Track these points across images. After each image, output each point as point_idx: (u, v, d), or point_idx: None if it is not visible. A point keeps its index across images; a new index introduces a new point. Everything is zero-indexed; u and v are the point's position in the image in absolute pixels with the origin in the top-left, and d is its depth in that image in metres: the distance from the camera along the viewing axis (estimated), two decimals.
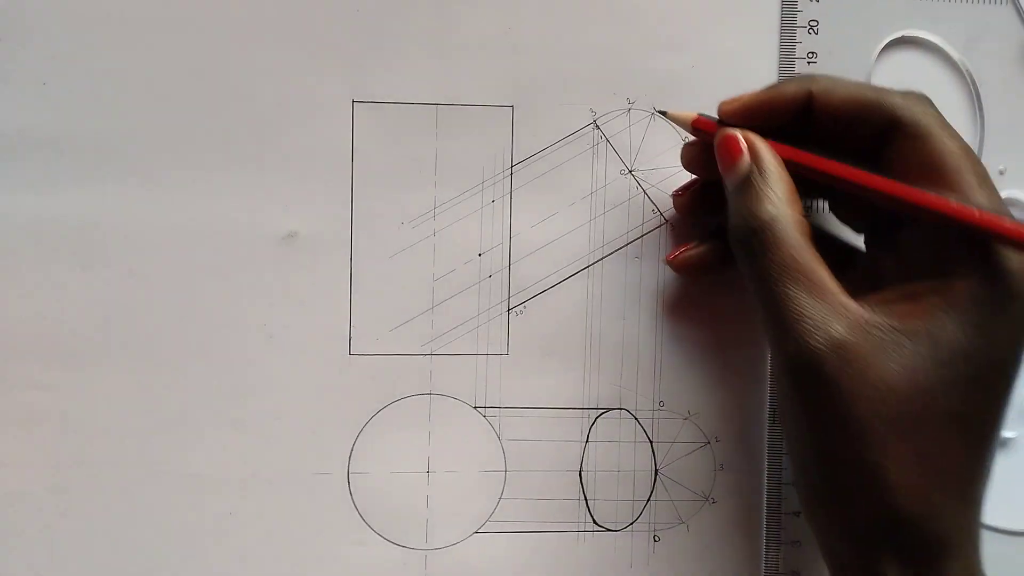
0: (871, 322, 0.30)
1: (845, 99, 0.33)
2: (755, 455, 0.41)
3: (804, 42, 0.40)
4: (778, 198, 0.31)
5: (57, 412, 0.38)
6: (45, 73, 0.37)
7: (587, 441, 0.40)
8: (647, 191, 0.40)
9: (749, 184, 0.32)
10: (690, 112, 0.37)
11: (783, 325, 0.30)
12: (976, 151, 0.41)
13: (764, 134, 0.34)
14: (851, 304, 0.30)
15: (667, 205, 0.40)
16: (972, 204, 0.31)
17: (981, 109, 0.41)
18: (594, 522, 0.40)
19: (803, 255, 0.30)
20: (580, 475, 0.40)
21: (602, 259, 0.40)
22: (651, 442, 0.40)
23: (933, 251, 0.31)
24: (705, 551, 0.41)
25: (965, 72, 0.41)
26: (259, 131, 0.38)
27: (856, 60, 0.40)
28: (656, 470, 0.40)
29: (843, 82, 0.33)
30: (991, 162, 0.41)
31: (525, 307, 0.40)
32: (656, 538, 0.41)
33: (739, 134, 0.34)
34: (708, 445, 0.40)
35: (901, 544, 0.30)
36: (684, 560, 0.41)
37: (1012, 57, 0.41)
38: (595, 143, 0.39)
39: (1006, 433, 0.42)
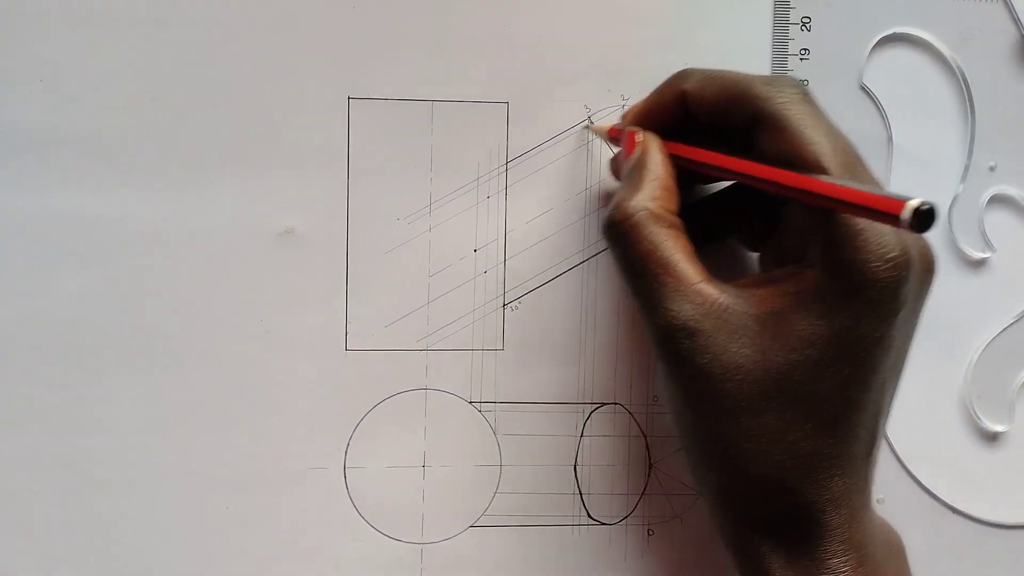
0: (725, 307, 0.32)
1: (715, 95, 0.34)
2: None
3: (796, 39, 0.40)
4: (646, 192, 0.33)
5: (55, 410, 0.38)
6: (42, 71, 0.37)
7: (582, 436, 0.40)
8: None
9: (628, 177, 0.34)
10: (606, 124, 0.38)
11: (645, 310, 0.33)
12: (967, 147, 0.41)
13: (676, 132, 0.35)
14: (707, 290, 0.32)
15: None
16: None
17: (972, 106, 0.41)
18: (589, 516, 0.41)
19: (661, 246, 0.32)
20: (575, 469, 0.40)
21: (597, 255, 0.40)
22: (645, 436, 0.41)
23: (795, 239, 0.33)
24: (699, 545, 0.41)
25: (956, 69, 0.41)
26: (255, 128, 0.38)
27: (848, 57, 0.41)
28: (650, 464, 0.41)
29: (715, 76, 0.34)
30: (982, 158, 0.41)
31: (520, 303, 0.40)
32: (650, 532, 0.41)
33: (637, 132, 0.36)
34: None
35: (769, 519, 0.32)
36: (678, 553, 0.41)
37: (1003, 54, 0.41)
38: (590, 139, 0.40)
39: (996, 427, 0.42)
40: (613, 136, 0.38)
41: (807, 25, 0.40)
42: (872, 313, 0.30)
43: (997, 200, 0.42)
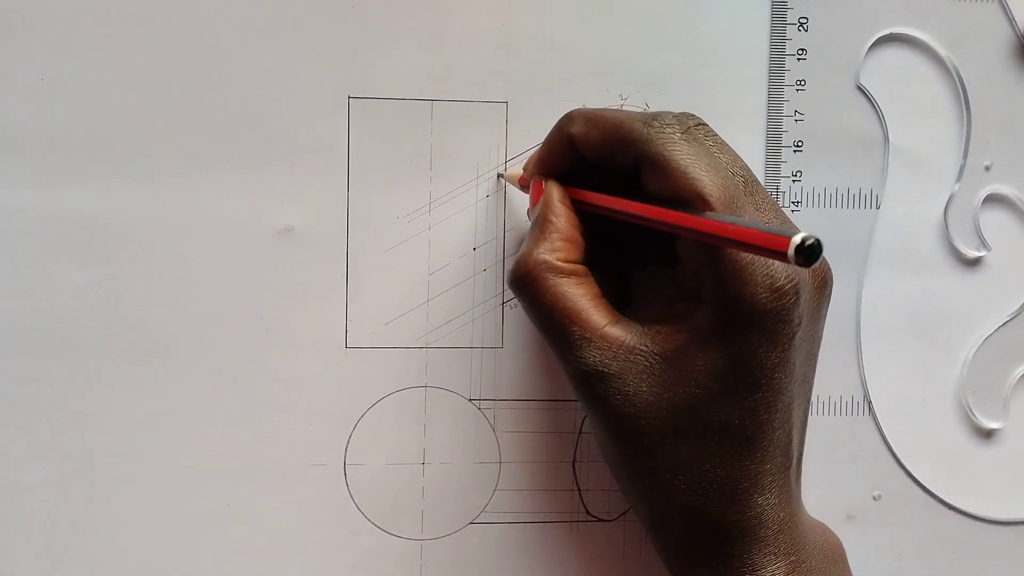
0: (631, 348, 0.33)
1: (598, 139, 0.34)
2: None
3: (794, 39, 0.41)
4: (546, 245, 0.34)
5: (56, 406, 0.38)
6: (43, 69, 0.37)
7: (580, 432, 0.41)
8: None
9: (531, 229, 0.35)
10: (516, 171, 0.38)
11: (558, 357, 0.34)
12: (962, 146, 0.41)
13: (580, 173, 0.35)
14: (613, 334, 0.33)
15: None
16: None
17: (968, 105, 0.41)
18: (587, 512, 0.41)
19: (564, 296, 0.33)
20: (573, 466, 0.41)
21: None
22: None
23: (692, 275, 0.33)
24: None
25: (952, 69, 0.41)
26: (256, 126, 0.38)
27: (845, 57, 0.41)
28: None
29: (598, 119, 0.34)
30: (977, 157, 0.41)
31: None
32: None
33: (539, 180, 0.36)
34: None
35: (699, 542, 0.33)
36: None
37: (998, 54, 0.42)
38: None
39: (991, 424, 0.42)
40: (523, 184, 0.38)
41: (804, 25, 0.41)
42: (767, 341, 0.31)
43: (992, 199, 0.42)
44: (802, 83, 0.41)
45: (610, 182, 0.35)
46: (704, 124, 0.34)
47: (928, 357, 0.42)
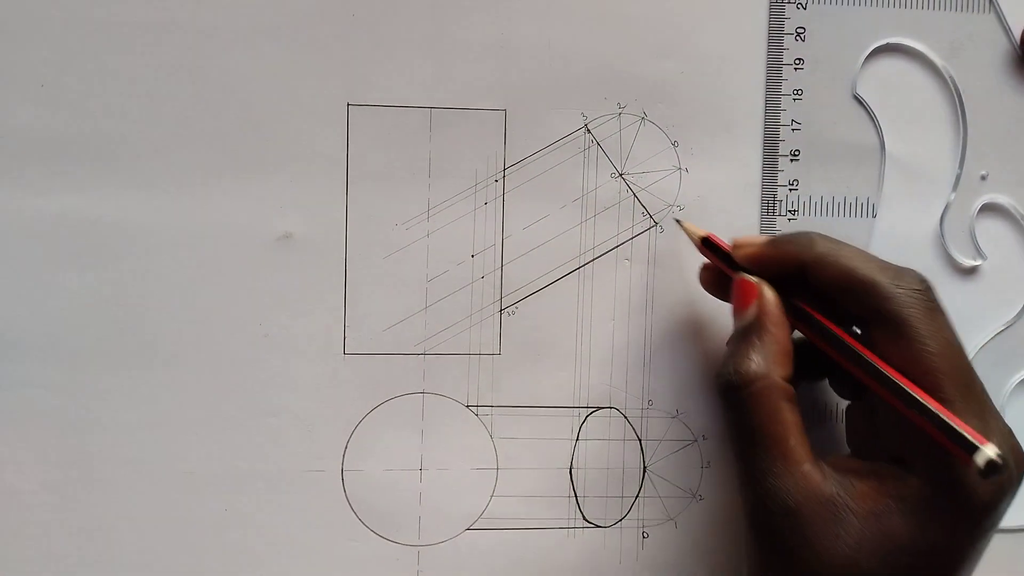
0: (828, 496, 0.31)
1: (837, 277, 0.33)
2: None
3: (791, 48, 0.41)
4: (766, 358, 0.33)
5: (55, 411, 0.38)
6: (44, 75, 0.38)
7: (577, 439, 0.41)
8: (637, 194, 0.40)
9: (747, 334, 0.34)
10: (701, 230, 0.38)
11: (747, 478, 0.33)
12: (958, 156, 0.42)
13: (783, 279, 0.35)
14: (813, 475, 0.32)
15: (656, 208, 0.40)
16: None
17: (964, 115, 0.42)
18: (584, 519, 0.41)
19: (775, 420, 0.32)
20: (570, 473, 0.41)
21: (593, 261, 0.40)
22: (640, 440, 0.41)
23: (903, 437, 0.32)
24: (693, 547, 0.41)
25: (948, 79, 0.41)
26: (255, 133, 0.38)
27: (842, 67, 0.41)
28: (644, 468, 0.41)
29: (841, 257, 0.33)
30: (973, 167, 0.42)
31: (517, 308, 0.40)
32: (645, 534, 0.41)
33: (756, 284, 0.35)
34: (695, 443, 0.41)
35: None
36: (672, 556, 0.41)
37: (994, 64, 0.42)
38: (586, 147, 0.40)
39: None
40: (705, 248, 0.37)
41: (801, 35, 0.41)
42: (971, 529, 0.31)
43: (988, 209, 0.42)
44: (799, 93, 0.41)
45: (818, 303, 0.34)
46: (934, 288, 0.33)
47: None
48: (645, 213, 0.40)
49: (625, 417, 0.41)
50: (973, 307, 0.42)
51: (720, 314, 0.41)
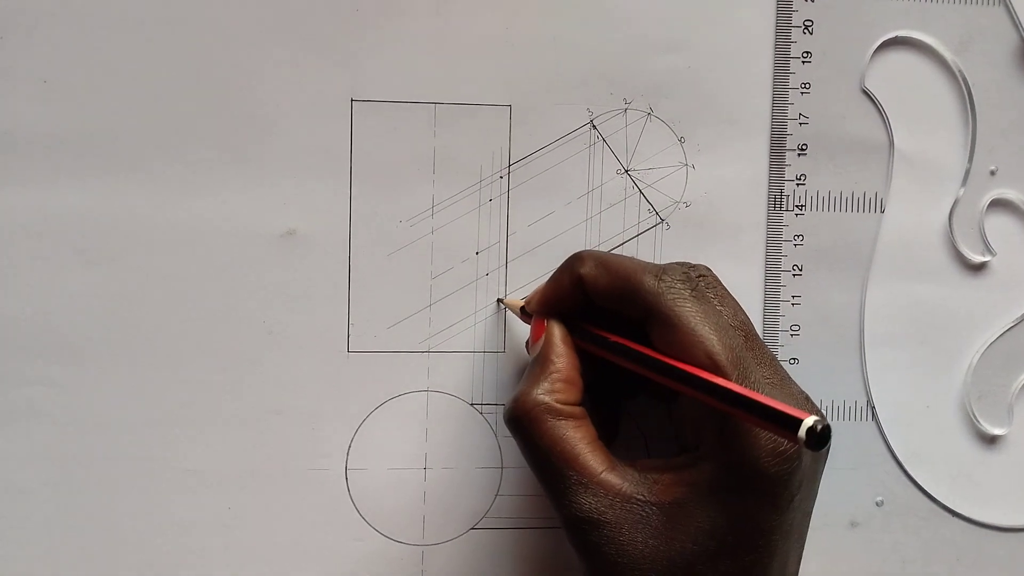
0: (629, 497, 0.33)
1: (608, 285, 0.34)
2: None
3: (799, 42, 0.40)
4: (545, 387, 0.34)
5: (57, 408, 0.38)
6: (46, 71, 0.37)
7: None
8: (643, 191, 0.40)
9: (531, 368, 0.35)
10: (517, 300, 0.38)
11: (552, 501, 0.34)
12: (967, 151, 0.41)
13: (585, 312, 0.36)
14: (610, 481, 0.33)
15: (663, 204, 0.40)
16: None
17: (973, 109, 0.41)
18: None
19: (560, 440, 0.33)
20: None
21: None
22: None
23: (694, 427, 0.33)
24: None
25: (957, 72, 0.41)
26: (258, 129, 0.38)
27: (850, 60, 0.41)
28: None
29: (608, 264, 0.35)
30: (982, 161, 0.41)
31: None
32: None
33: (544, 321, 0.36)
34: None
35: None
36: None
37: (1004, 58, 0.41)
38: (592, 143, 0.40)
39: (996, 430, 0.42)
40: (524, 315, 0.38)
41: (809, 28, 0.40)
42: (767, 504, 0.31)
43: (997, 204, 0.42)
44: (807, 86, 0.40)
45: (613, 324, 0.35)
46: (708, 275, 0.34)
47: (932, 362, 0.42)
48: (651, 210, 0.40)
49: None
50: (982, 303, 0.42)
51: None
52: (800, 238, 0.41)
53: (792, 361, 0.41)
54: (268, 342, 0.39)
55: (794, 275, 0.41)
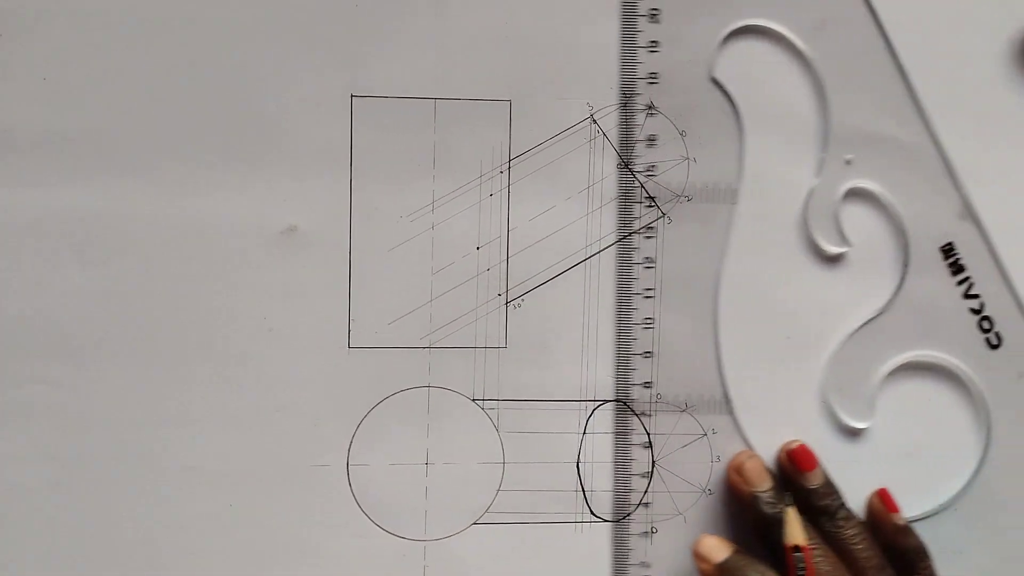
0: None
1: None
2: (751, 447, 0.41)
3: (645, 31, 0.39)
4: None
5: (57, 406, 0.38)
6: (46, 68, 0.37)
7: (584, 433, 0.40)
8: (644, 184, 0.40)
9: None
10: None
11: None
12: (822, 141, 0.40)
13: None
14: None
15: (663, 198, 0.40)
16: None
17: (826, 98, 0.40)
18: (592, 514, 0.41)
19: None
20: (578, 467, 0.40)
21: (599, 252, 0.40)
22: (648, 434, 0.41)
23: None
24: None
25: (811, 61, 0.40)
26: (258, 125, 0.38)
27: (699, 49, 0.39)
28: (653, 462, 0.41)
29: None
30: (837, 152, 0.40)
31: (523, 300, 0.40)
32: (653, 529, 0.41)
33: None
34: (705, 437, 0.41)
35: None
36: (681, 551, 0.41)
37: (858, 46, 0.40)
38: (592, 137, 0.40)
39: (857, 424, 0.41)
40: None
41: (656, 16, 0.39)
42: None
43: (854, 194, 0.41)
44: (655, 76, 0.40)
45: None
46: None
47: (790, 356, 0.41)
48: (652, 204, 0.40)
49: (633, 411, 0.40)
50: (840, 295, 0.41)
51: (728, 307, 0.40)
52: (652, 230, 0.40)
53: (646, 355, 0.40)
54: (269, 339, 0.39)
55: (646, 267, 0.40)
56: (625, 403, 0.40)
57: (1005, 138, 0.41)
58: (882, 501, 0.40)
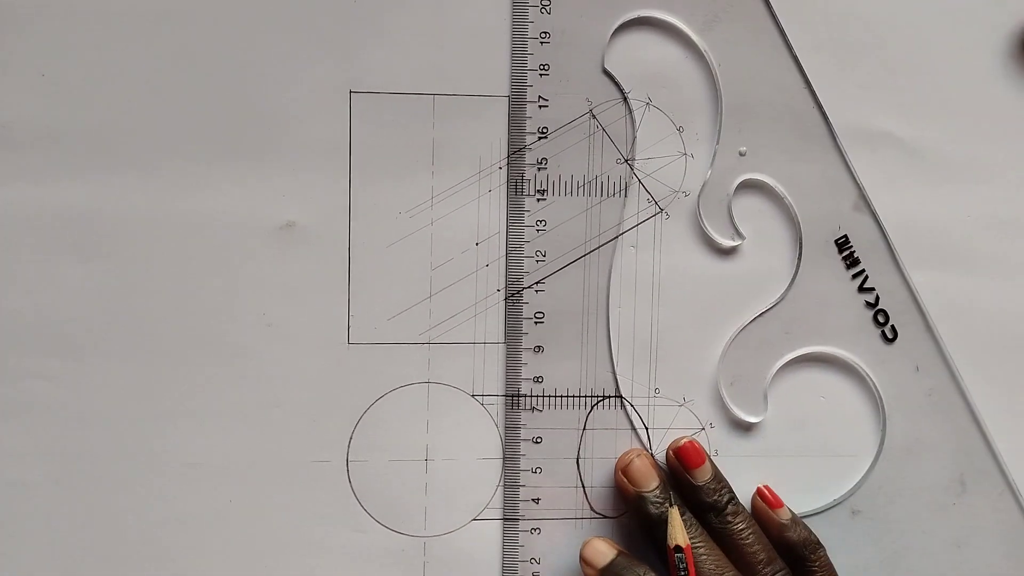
0: None
1: None
2: (749, 439, 0.41)
3: (536, 22, 0.39)
4: None
5: (57, 402, 0.38)
6: (44, 65, 0.37)
7: (584, 428, 0.40)
8: (643, 180, 0.40)
9: None
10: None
11: None
12: (715, 133, 0.40)
13: None
14: None
15: (662, 194, 0.40)
16: None
17: (719, 91, 0.40)
18: (591, 509, 0.41)
19: None
20: (577, 462, 0.40)
21: (598, 248, 0.40)
22: (647, 429, 0.41)
23: None
24: None
25: (704, 53, 0.39)
26: (257, 121, 0.38)
27: (590, 41, 0.39)
28: (652, 456, 0.41)
29: None
30: (730, 144, 0.40)
31: (522, 296, 0.40)
32: None
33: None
34: (703, 431, 0.41)
35: None
36: None
37: (751, 38, 0.40)
38: (591, 132, 0.40)
39: (750, 418, 0.41)
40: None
41: (547, 8, 0.39)
42: None
43: (747, 186, 0.40)
44: (546, 68, 0.39)
45: None
46: None
47: (683, 349, 0.41)
48: (651, 199, 0.40)
49: (632, 406, 0.40)
50: (733, 288, 0.40)
51: (726, 302, 0.40)
52: (543, 223, 0.40)
53: (537, 349, 0.40)
54: (268, 335, 0.39)
55: (537, 261, 0.40)
56: (624, 399, 0.40)
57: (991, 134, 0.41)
58: (763, 499, 0.40)
